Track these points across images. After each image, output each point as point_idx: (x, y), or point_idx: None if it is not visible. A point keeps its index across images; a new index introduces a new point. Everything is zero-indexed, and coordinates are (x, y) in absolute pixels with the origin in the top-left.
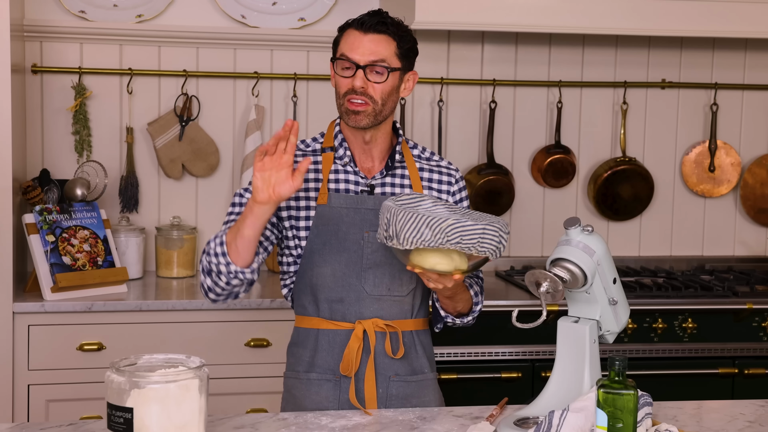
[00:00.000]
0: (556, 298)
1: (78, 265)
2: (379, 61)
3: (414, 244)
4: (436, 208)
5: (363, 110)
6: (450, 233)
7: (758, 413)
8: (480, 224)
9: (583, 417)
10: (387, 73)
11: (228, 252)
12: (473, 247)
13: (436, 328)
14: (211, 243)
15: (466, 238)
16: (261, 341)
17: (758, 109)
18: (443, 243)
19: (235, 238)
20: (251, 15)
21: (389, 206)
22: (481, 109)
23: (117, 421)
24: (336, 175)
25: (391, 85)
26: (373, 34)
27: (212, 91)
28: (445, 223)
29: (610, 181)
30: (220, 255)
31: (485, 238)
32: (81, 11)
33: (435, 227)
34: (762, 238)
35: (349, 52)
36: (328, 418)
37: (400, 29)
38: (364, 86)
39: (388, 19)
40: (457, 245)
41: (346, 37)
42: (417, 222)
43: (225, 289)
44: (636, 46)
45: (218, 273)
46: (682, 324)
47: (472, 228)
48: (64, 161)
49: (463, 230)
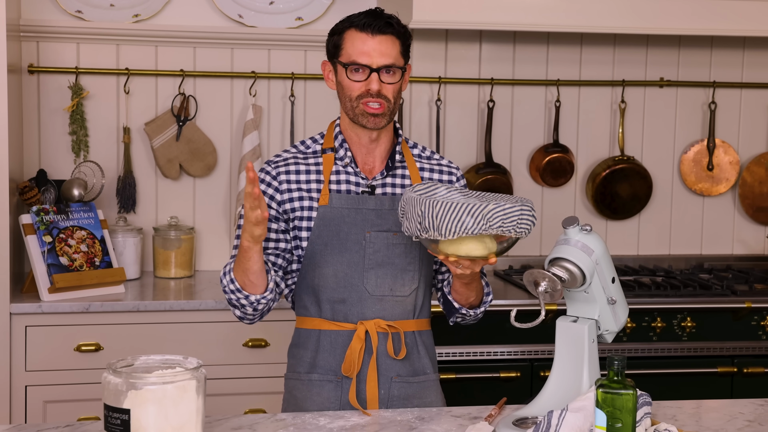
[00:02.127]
0: (555, 298)
1: (75, 266)
2: (391, 63)
3: (457, 233)
4: (451, 194)
5: (381, 112)
6: (492, 219)
7: (757, 412)
8: (517, 206)
9: (582, 417)
10: (399, 72)
11: (243, 287)
12: (513, 229)
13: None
14: (223, 281)
15: (507, 222)
16: (259, 341)
17: (756, 108)
18: (486, 229)
19: (246, 274)
20: (248, 14)
21: (415, 198)
22: (479, 108)
23: (114, 422)
24: (337, 176)
25: (401, 83)
26: (380, 36)
27: (209, 90)
28: (486, 209)
29: (608, 180)
30: (236, 291)
31: (522, 219)
32: (78, 11)
33: (476, 214)
34: (760, 237)
35: (359, 57)
36: (326, 418)
37: (402, 27)
38: (380, 88)
39: (392, 18)
40: (499, 229)
41: (350, 40)
42: (457, 211)
43: (254, 314)
44: (634, 44)
45: (243, 306)
46: (680, 323)
47: (510, 210)
48: (61, 161)
49: (504, 214)
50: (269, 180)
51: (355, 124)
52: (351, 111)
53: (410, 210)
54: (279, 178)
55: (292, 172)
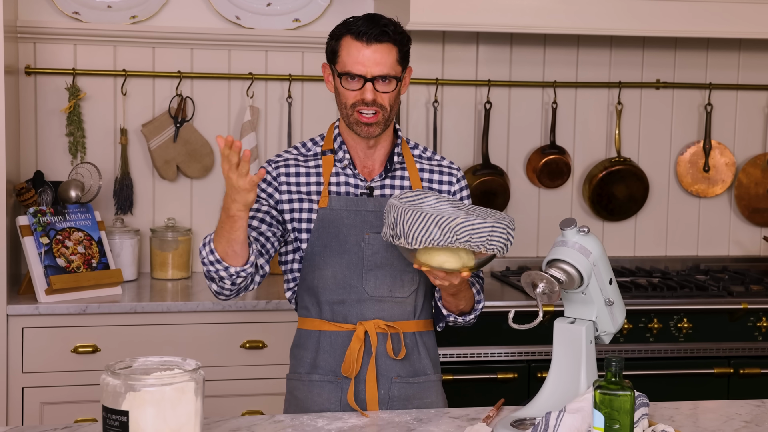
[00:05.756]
0: (552, 299)
1: (72, 267)
2: (386, 73)
3: (423, 243)
4: (440, 204)
5: (375, 121)
6: (459, 232)
7: (754, 413)
8: (488, 222)
9: (579, 418)
10: (394, 82)
11: (223, 258)
12: (482, 245)
13: (438, 327)
14: (202, 252)
15: (475, 237)
16: (256, 343)
17: (752, 109)
18: (452, 242)
19: (231, 244)
20: (246, 16)
21: (395, 204)
22: (476, 110)
23: (112, 424)
24: (336, 177)
25: (397, 90)
26: (376, 44)
27: (207, 92)
28: (454, 222)
29: (605, 181)
30: (215, 262)
31: (494, 236)
32: (75, 12)
33: (444, 226)
34: (756, 238)
35: (353, 67)
36: (324, 420)
37: (398, 33)
38: (375, 98)
39: (388, 26)
40: (466, 244)
41: (346, 48)
42: (426, 221)
43: (232, 289)
44: (630, 46)
45: (221, 278)
46: (677, 324)
47: (480, 226)
48: (58, 163)
49: (472, 229)
50: (269, 179)
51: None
52: (346, 118)
53: (387, 215)
54: (279, 179)
55: (292, 174)
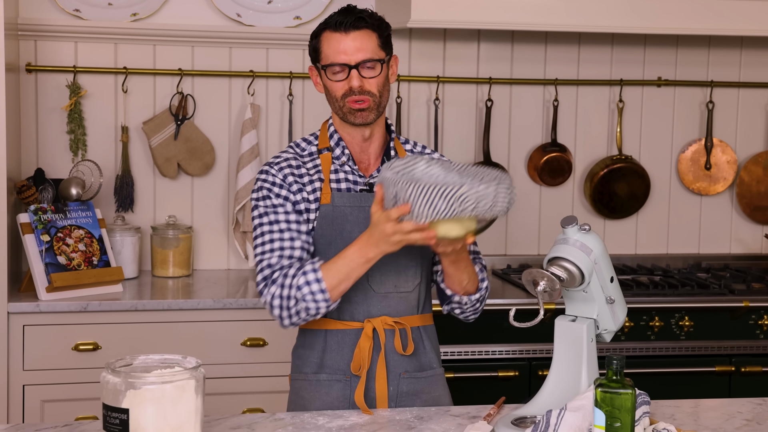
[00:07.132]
0: (554, 297)
1: (73, 265)
2: (369, 57)
3: (430, 218)
4: (431, 168)
5: (366, 107)
6: (465, 201)
7: (755, 411)
8: (491, 186)
9: (580, 416)
10: (379, 65)
11: (332, 297)
12: (488, 211)
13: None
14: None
15: (481, 204)
16: (257, 341)
17: (754, 107)
18: (459, 213)
19: (349, 281)
20: (246, 13)
21: (391, 178)
22: (477, 108)
23: (113, 422)
24: (336, 174)
25: (384, 75)
26: (354, 31)
27: (208, 89)
28: (459, 191)
29: (606, 179)
30: (321, 301)
31: (498, 200)
32: (76, 10)
33: (449, 197)
34: (758, 236)
35: (336, 57)
36: (324, 418)
37: (375, 18)
38: (362, 84)
39: (363, 13)
40: (473, 212)
41: (326, 42)
42: (429, 194)
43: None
44: (632, 44)
45: (315, 314)
46: (678, 322)
47: (485, 192)
48: (58, 160)
49: (477, 196)
50: (280, 182)
51: (346, 123)
52: (339, 111)
53: (386, 191)
54: (287, 180)
55: (296, 174)
